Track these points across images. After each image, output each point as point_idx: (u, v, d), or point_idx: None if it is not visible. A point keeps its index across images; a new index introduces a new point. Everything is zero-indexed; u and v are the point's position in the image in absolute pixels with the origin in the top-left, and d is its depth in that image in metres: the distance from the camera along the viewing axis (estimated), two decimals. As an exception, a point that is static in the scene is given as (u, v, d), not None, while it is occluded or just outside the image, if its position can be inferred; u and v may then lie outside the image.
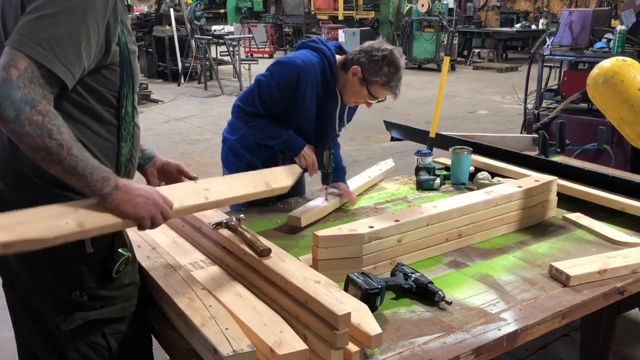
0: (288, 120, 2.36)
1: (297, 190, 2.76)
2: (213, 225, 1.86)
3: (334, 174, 2.47)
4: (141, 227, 1.39)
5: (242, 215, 1.93)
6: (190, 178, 1.78)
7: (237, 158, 2.56)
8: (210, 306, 1.55)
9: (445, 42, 13.50)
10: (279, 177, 1.79)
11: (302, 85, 2.26)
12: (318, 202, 2.39)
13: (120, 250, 1.52)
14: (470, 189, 2.57)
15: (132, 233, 2.06)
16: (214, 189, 1.60)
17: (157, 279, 1.72)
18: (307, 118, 2.37)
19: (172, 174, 1.80)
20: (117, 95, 1.45)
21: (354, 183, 2.66)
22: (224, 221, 1.87)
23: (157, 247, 1.96)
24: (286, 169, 1.86)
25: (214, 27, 12.54)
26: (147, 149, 1.80)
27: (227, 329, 1.44)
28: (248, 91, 2.35)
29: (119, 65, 1.43)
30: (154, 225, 1.39)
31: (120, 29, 1.42)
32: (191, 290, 1.64)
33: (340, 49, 2.42)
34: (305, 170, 2.37)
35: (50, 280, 1.46)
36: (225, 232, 1.84)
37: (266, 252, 1.64)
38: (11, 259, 1.47)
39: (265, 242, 1.71)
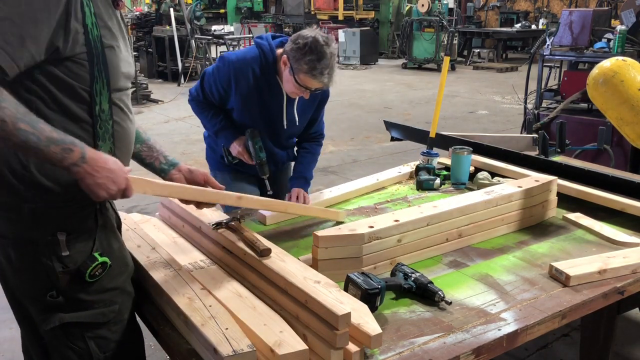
0: (231, 113, 2.43)
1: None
2: (213, 225, 1.86)
3: (292, 181, 2.51)
4: (96, 199, 1.38)
5: (242, 214, 1.92)
6: (217, 188, 1.78)
7: (213, 152, 2.66)
8: (210, 306, 1.55)
9: (445, 42, 13.51)
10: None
11: (234, 81, 2.32)
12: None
13: (95, 254, 1.49)
14: (470, 189, 2.57)
15: (132, 233, 2.06)
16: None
17: (157, 279, 1.72)
18: (250, 112, 2.39)
19: (198, 183, 1.78)
20: (88, 90, 1.40)
21: (365, 181, 2.67)
22: (224, 221, 1.87)
23: (157, 247, 1.96)
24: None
25: (214, 27, 12.54)
26: (169, 155, 1.83)
27: (227, 329, 1.44)
28: (199, 80, 2.47)
29: (87, 59, 1.38)
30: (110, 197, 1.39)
31: (91, 21, 1.36)
32: (191, 290, 1.64)
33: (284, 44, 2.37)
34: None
35: (29, 279, 1.46)
36: (225, 232, 1.84)
37: (266, 252, 1.64)
38: (1, 256, 1.48)
39: (265, 242, 1.72)
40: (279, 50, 2.32)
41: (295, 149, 2.70)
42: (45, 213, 1.41)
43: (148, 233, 2.08)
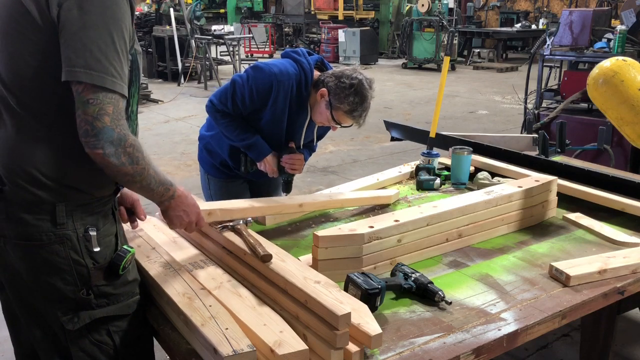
0: (257, 125, 2.37)
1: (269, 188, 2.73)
2: (219, 227, 1.86)
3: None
4: (171, 227, 1.69)
5: (249, 219, 1.92)
6: (139, 218, 1.85)
7: (210, 156, 2.62)
8: (210, 306, 1.55)
9: (445, 42, 13.51)
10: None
11: (274, 94, 2.26)
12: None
13: (125, 246, 1.55)
14: (470, 189, 2.57)
15: (133, 233, 2.06)
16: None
17: (157, 279, 1.72)
18: (276, 126, 2.36)
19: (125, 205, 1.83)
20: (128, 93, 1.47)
21: (361, 182, 2.67)
22: (230, 224, 1.87)
23: (157, 247, 1.96)
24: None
25: (214, 27, 12.54)
26: None
27: (227, 329, 1.44)
28: (223, 89, 2.36)
29: (130, 66, 1.46)
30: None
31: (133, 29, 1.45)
32: (191, 290, 1.64)
33: (322, 63, 2.39)
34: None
35: (57, 280, 1.46)
36: (227, 232, 1.84)
37: (267, 258, 1.64)
38: (13, 259, 1.47)
39: (267, 247, 1.71)
40: (316, 73, 2.33)
41: None
42: (76, 210, 1.45)
43: (148, 233, 2.08)
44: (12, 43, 1.38)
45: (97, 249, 1.48)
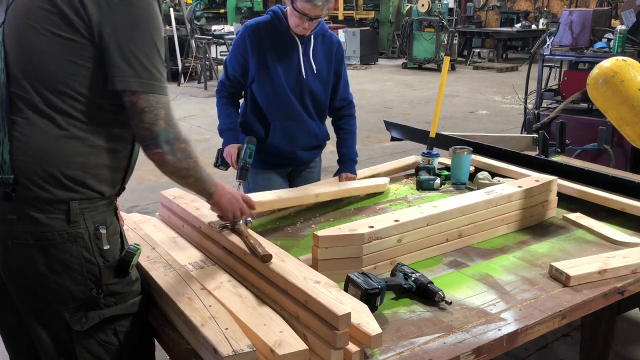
0: (255, 91, 2.54)
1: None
2: (219, 228, 1.86)
3: (340, 164, 2.69)
4: (225, 218, 1.82)
5: (250, 219, 1.92)
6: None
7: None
8: (210, 306, 1.55)
9: (445, 42, 13.51)
10: None
11: (249, 43, 2.46)
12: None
13: (133, 244, 1.57)
14: (470, 189, 2.56)
15: (133, 233, 2.06)
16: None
17: (157, 279, 1.72)
18: (268, 71, 2.48)
19: None
20: None
21: (375, 170, 2.78)
22: (229, 224, 1.87)
23: (157, 246, 1.96)
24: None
25: (214, 27, 12.54)
26: None
27: (227, 329, 1.44)
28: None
29: None
30: (235, 217, 1.81)
31: None
32: (191, 290, 1.64)
33: None
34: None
35: (67, 280, 1.46)
36: (227, 233, 1.84)
37: (267, 259, 1.64)
38: (21, 260, 1.44)
39: (267, 247, 1.71)
40: (289, 8, 2.43)
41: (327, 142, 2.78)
42: (86, 209, 1.46)
43: (148, 233, 2.08)
44: (46, 45, 1.39)
45: (106, 247, 1.49)
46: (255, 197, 2.16)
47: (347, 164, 2.70)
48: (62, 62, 1.39)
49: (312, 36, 2.52)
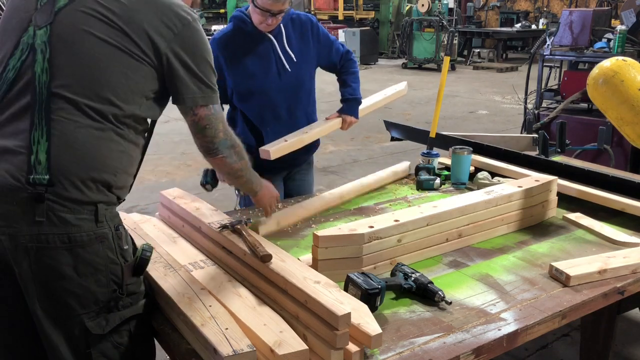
0: (241, 90, 2.48)
1: (302, 188, 2.76)
2: (219, 227, 1.86)
3: (343, 103, 2.66)
4: (267, 211, 2.12)
5: (249, 219, 1.92)
6: None
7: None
8: (210, 306, 1.55)
9: (445, 42, 13.51)
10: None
11: (221, 54, 2.42)
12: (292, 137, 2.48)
13: (146, 244, 1.59)
14: (470, 189, 2.56)
15: (133, 232, 2.06)
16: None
17: (157, 279, 1.72)
18: (247, 74, 2.45)
19: None
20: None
21: (365, 180, 2.71)
22: (230, 224, 1.87)
23: (157, 247, 1.95)
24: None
25: (213, 27, 12.54)
26: None
27: (227, 329, 1.44)
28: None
29: None
30: (270, 210, 2.12)
31: None
32: (191, 291, 1.64)
33: None
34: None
35: (92, 282, 1.46)
36: (227, 233, 1.84)
37: (267, 258, 1.64)
38: (40, 265, 1.41)
39: (267, 247, 1.71)
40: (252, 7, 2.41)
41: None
42: (107, 210, 1.48)
43: (148, 233, 2.08)
44: (105, 54, 1.46)
45: (126, 247, 1.53)
46: (284, 212, 2.27)
47: (350, 104, 2.65)
48: (117, 73, 1.46)
49: (280, 26, 2.46)
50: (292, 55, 2.50)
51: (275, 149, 2.38)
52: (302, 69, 2.54)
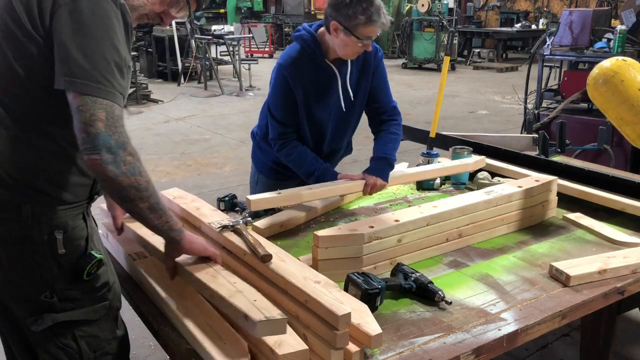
0: (304, 119, 2.36)
1: None
2: (219, 228, 1.86)
3: (372, 162, 2.39)
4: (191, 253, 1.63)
5: (249, 219, 1.91)
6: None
7: (263, 155, 2.59)
8: (235, 283, 1.54)
9: (445, 42, 13.51)
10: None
11: (292, 84, 2.27)
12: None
13: (92, 252, 1.50)
14: (470, 189, 2.57)
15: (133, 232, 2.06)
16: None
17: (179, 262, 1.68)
18: (310, 110, 2.35)
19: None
20: None
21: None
22: (230, 224, 1.86)
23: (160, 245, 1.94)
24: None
25: (214, 27, 12.54)
26: None
27: (255, 300, 1.43)
28: (263, 117, 2.46)
29: None
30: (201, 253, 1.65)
31: None
32: (212, 269, 1.63)
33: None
34: None
35: (21, 280, 1.44)
36: (227, 233, 1.84)
37: (267, 259, 1.64)
38: None
39: (267, 247, 1.71)
40: (320, 30, 2.29)
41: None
42: (42, 213, 1.42)
43: (147, 233, 2.08)
44: (1, 44, 1.37)
45: (62, 252, 1.44)
46: (287, 214, 2.21)
47: (380, 164, 2.37)
48: (11, 60, 1.36)
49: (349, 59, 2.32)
50: (351, 94, 2.38)
51: (257, 200, 2.13)
52: (356, 108, 2.45)
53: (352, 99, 2.40)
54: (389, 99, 2.50)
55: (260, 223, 2.15)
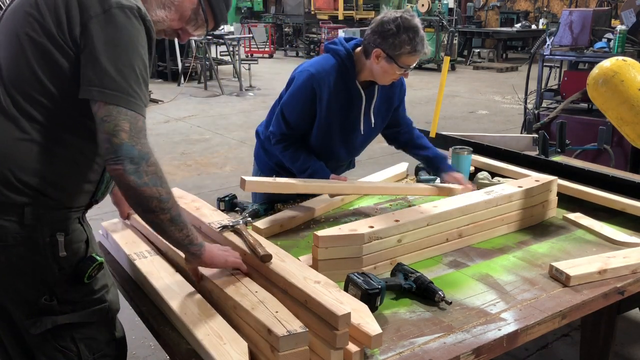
0: (319, 132, 2.35)
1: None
2: (219, 228, 1.86)
3: (439, 163, 2.54)
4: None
5: (249, 219, 1.91)
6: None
7: (267, 155, 2.58)
8: (257, 292, 1.54)
9: (446, 42, 13.51)
10: None
11: (318, 95, 2.25)
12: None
13: (93, 255, 1.50)
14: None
15: (133, 232, 2.06)
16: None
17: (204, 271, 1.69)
18: (329, 127, 2.34)
19: None
20: None
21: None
22: (230, 224, 1.86)
23: (169, 250, 1.95)
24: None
25: (213, 27, 12.52)
26: None
27: (277, 312, 1.43)
28: (272, 115, 2.42)
29: None
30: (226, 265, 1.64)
31: None
32: (234, 278, 1.63)
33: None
34: None
35: (20, 282, 1.43)
36: (227, 233, 1.84)
37: (267, 259, 1.64)
38: None
39: (267, 247, 1.70)
40: (358, 50, 2.29)
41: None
42: (44, 215, 1.42)
43: (152, 231, 2.08)
44: (25, 49, 1.37)
45: (63, 254, 1.44)
46: (287, 214, 2.22)
47: (445, 163, 2.54)
48: (35, 67, 1.36)
49: (376, 86, 2.35)
50: (372, 121, 2.41)
51: (251, 182, 2.13)
52: (374, 134, 2.50)
53: (372, 125, 2.43)
54: (407, 120, 2.63)
55: (260, 223, 2.15)
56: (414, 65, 2.24)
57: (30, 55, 1.37)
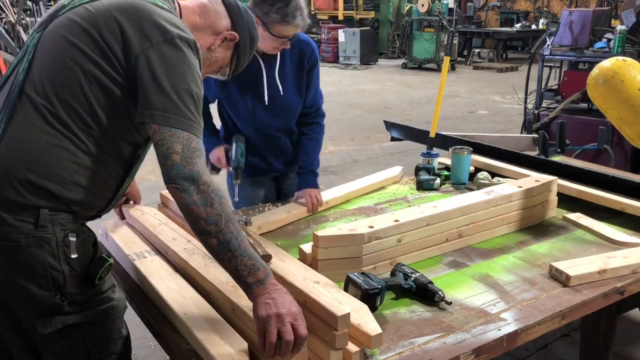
0: (224, 105, 2.38)
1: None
2: None
3: (299, 177, 2.45)
4: (262, 335, 1.36)
5: (249, 219, 1.91)
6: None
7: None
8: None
9: (445, 42, 13.51)
10: None
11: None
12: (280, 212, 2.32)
13: (103, 255, 1.52)
14: (470, 189, 2.56)
15: (166, 227, 2.06)
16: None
17: (198, 269, 1.69)
18: (230, 96, 2.34)
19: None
20: (147, 137, 1.53)
21: (355, 185, 2.64)
22: None
23: (192, 240, 1.93)
24: None
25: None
26: None
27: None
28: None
29: None
30: (270, 337, 1.34)
31: None
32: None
33: None
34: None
35: (31, 283, 1.43)
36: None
37: (266, 259, 1.64)
38: None
39: (267, 247, 1.71)
40: None
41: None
42: (57, 215, 1.43)
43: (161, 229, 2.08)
44: (75, 62, 1.40)
45: (74, 256, 1.45)
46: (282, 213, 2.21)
47: (306, 177, 2.44)
48: (83, 82, 1.40)
49: (278, 53, 2.30)
50: (280, 88, 2.36)
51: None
52: (286, 103, 2.40)
53: (281, 92, 2.37)
54: (314, 101, 2.49)
55: (260, 223, 2.15)
56: (292, 36, 2.18)
57: (79, 74, 1.40)
